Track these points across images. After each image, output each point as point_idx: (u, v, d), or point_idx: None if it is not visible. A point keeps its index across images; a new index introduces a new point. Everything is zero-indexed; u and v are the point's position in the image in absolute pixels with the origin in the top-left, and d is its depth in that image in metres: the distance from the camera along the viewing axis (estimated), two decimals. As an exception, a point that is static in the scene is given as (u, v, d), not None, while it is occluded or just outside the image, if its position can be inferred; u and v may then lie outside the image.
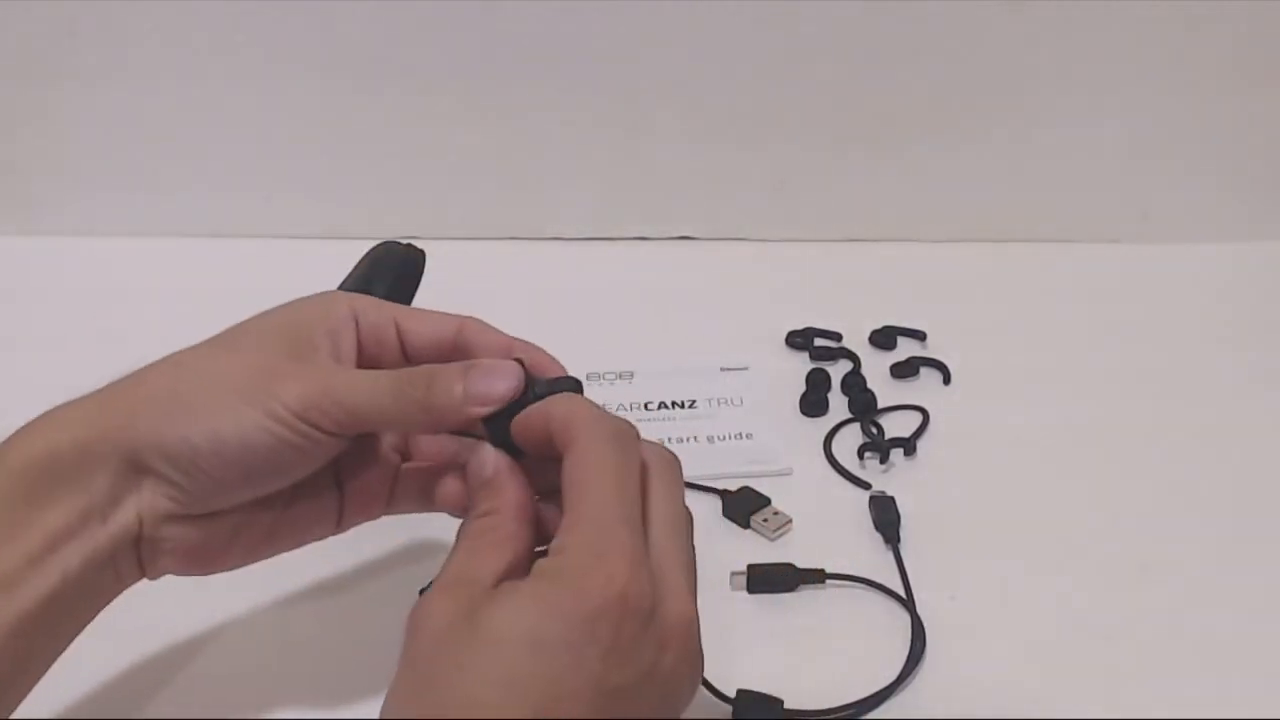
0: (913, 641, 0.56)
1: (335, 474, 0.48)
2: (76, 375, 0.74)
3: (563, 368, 0.47)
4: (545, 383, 0.44)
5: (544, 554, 0.40)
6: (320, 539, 0.49)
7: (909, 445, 0.68)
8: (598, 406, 0.42)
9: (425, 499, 0.48)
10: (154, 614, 0.53)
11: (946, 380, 0.75)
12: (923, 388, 0.74)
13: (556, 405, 0.42)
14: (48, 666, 0.43)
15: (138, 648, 0.55)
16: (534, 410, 0.43)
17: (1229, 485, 0.67)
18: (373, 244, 0.68)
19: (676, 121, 0.84)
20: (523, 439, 0.43)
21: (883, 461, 0.67)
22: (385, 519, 0.62)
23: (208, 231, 0.85)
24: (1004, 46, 0.82)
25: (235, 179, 0.85)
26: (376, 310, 0.47)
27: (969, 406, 0.72)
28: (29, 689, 0.43)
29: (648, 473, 0.42)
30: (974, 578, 0.60)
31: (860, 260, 0.86)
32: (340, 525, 0.49)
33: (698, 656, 0.40)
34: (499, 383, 0.43)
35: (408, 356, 0.47)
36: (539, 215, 0.87)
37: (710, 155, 0.85)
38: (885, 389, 0.73)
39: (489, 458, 0.43)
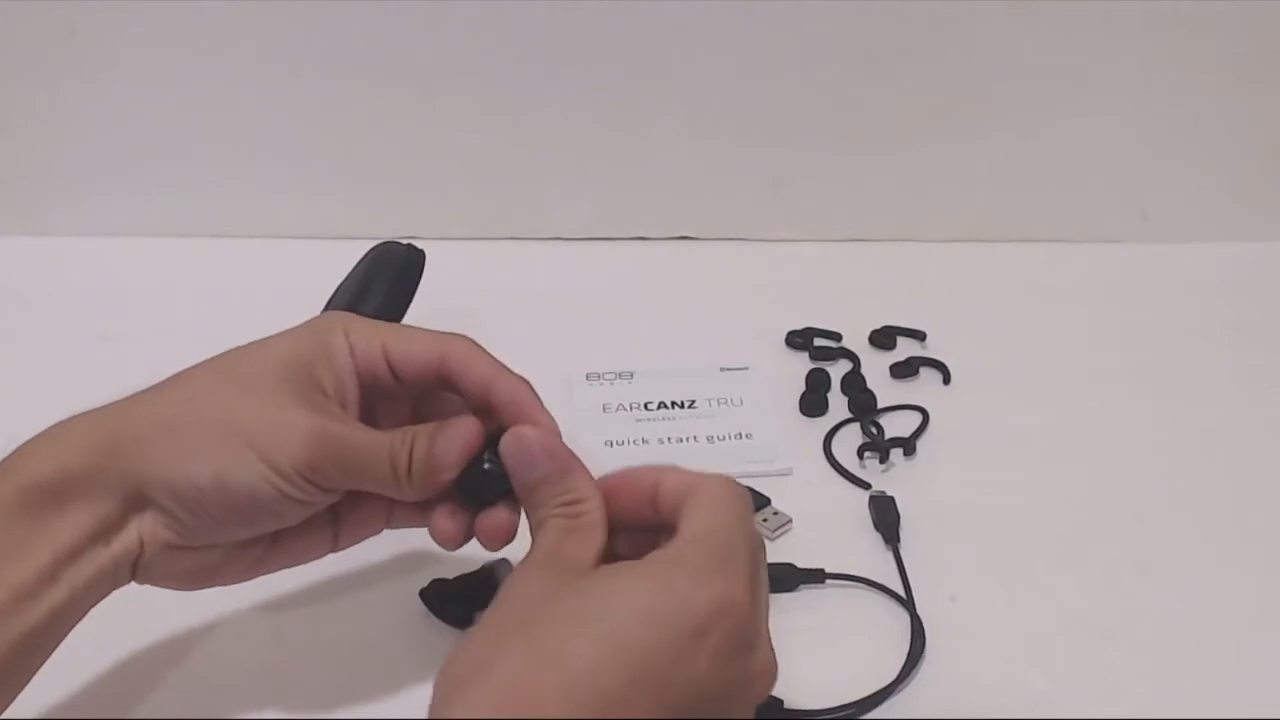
0: (912, 641, 0.56)
1: (331, 507, 0.48)
2: (76, 375, 0.74)
3: (541, 407, 0.46)
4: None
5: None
6: (318, 557, 0.49)
7: (909, 445, 0.68)
8: None
9: (426, 514, 0.48)
10: (147, 614, 0.53)
11: (946, 380, 0.75)
12: (923, 388, 0.74)
13: (665, 470, 0.43)
14: (34, 674, 0.44)
15: (130, 648, 0.55)
16: (644, 471, 0.44)
17: (1229, 485, 0.67)
18: (373, 244, 0.68)
19: (676, 121, 0.84)
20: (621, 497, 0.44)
21: (883, 461, 0.67)
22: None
23: (208, 231, 0.85)
24: (1004, 46, 0.82)
25: (235, 179, 0.85)
26: (367, 339, 0.47)
27: (969, 406, 0.72)
28: (16, 695, 0.43)
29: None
30: (974, 578, 0.60)
31: (860, 260, 0.86)
32: (337, 546, 0.49)
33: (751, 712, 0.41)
34: (458, 450, 0.45)
35: (397, 378, 0.47)
36: (539, 215, 0.87)
37: (710, 155, 0.85)
38: (885, 389, 0.73)
39: (563, 452, 0.44)
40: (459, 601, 0.56)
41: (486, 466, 0.45)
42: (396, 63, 0.81)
